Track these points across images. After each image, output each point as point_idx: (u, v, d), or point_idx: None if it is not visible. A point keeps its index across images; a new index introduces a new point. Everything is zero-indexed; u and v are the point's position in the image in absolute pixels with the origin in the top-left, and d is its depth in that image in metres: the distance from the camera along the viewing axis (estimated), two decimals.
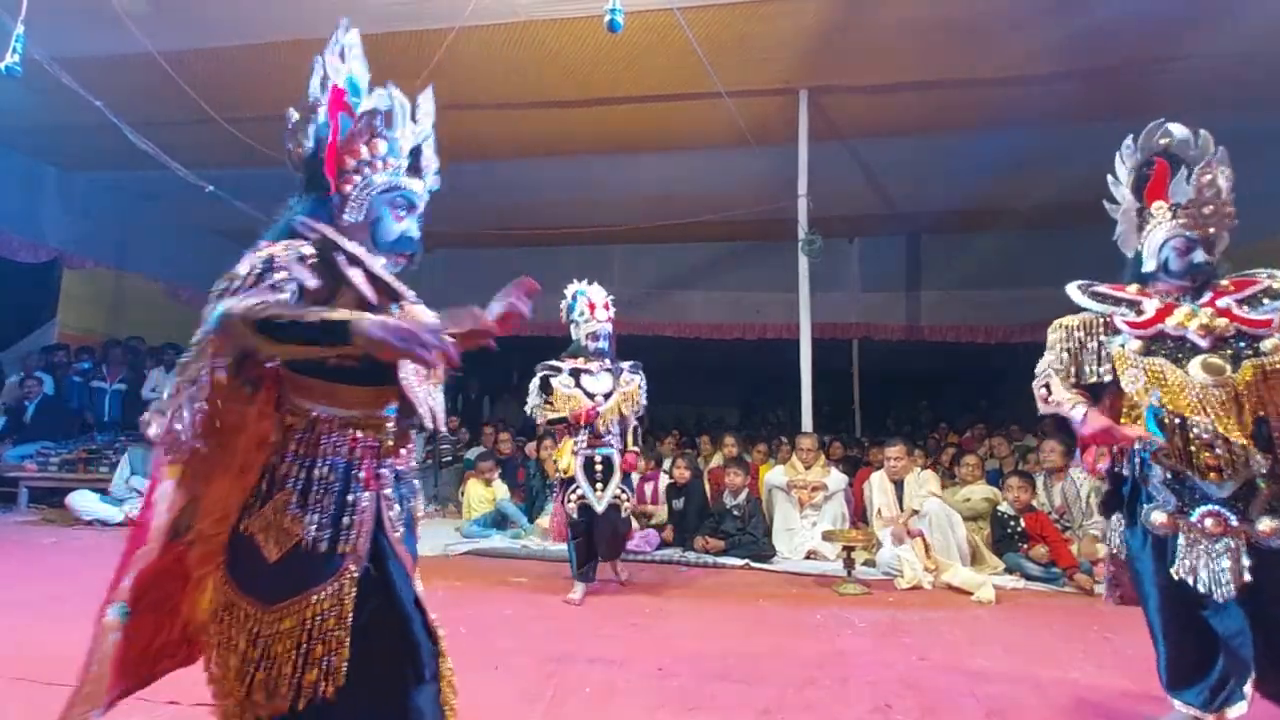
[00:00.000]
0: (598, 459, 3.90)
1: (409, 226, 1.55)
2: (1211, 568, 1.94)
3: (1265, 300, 2.06)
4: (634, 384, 4.06)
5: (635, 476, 4.47)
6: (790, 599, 4.07)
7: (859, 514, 5.57)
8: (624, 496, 3.94)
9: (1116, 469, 2.21)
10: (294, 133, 1.52)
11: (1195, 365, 2.02)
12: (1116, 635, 3.26)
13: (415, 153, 1.57)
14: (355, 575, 1.37)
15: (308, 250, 1.38)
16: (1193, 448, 1.98)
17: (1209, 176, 2.12)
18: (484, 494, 6.17)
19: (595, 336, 4.03)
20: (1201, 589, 1.95)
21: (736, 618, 3.61)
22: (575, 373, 3.99)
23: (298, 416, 1.39)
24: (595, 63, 5.44)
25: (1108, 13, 4.70)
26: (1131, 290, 2.21)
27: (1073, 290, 2.30)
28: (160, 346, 8.38)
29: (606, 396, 3.94)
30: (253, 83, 5.66)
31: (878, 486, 5.18)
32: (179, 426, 1.29)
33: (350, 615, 1.35)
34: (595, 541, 3.89)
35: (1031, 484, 4.79)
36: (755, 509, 5.25)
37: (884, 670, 2.84)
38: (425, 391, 1.49)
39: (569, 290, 4.16)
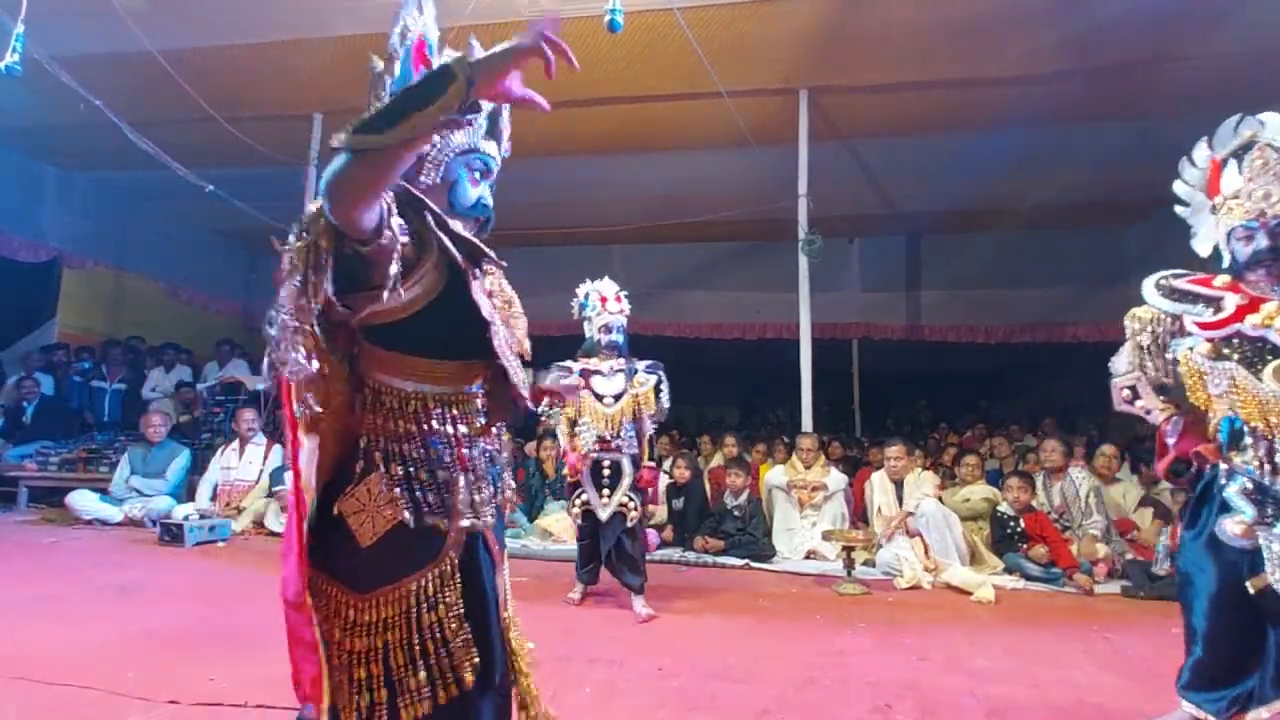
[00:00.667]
0: (606, 464, 3.68)
1: (484, 191, 1.47)
2: None
3: None
4: (648, 385, 3.78)
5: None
6: (790, 599, 4.06)
7: (859, 514, 5.57)
8: (630, 505, 3.66)
9: (1197, 471, 2.08)
10: (375, 83, 1.41)
11: (1269, 370, 1.87)
12: (1116, 635, 3.26)
13: (492, 115, 1.50)
14: (456, 561, 1.30)
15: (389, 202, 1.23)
16: (1278, 458, 1.85)
17: (1259, 160, 1.98)
18: None
19: (608, 329, 3.78)
20: None
21: (736, 617, 3.61)
22: (586, 373, 3.74)
23: (386, 394, 1.30)
24: (595, 63, 5.44)
25: (1108, 13, 4.70)
26: (1220, 283, 2.02)
27: (1148, 287, 2.12)
28: (160, 346, 8.38)
29: (616, 398, 3.72)
30: (253, 82, 5.67)
31: (878, 486, 5.19)
32: (295, 354, 1.14)
33: (460, 604, 1.28)
34: (604, 556, 3.70)
35: (1031, 484, 4.80)
36: (756, 509, 5.25)
37: (884, 670, 2.84)
38: (515, 363, 1.41)
39: (580, 290, 3.95)
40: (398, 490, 1.26)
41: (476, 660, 1.28)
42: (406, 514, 1.25)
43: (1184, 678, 2.07)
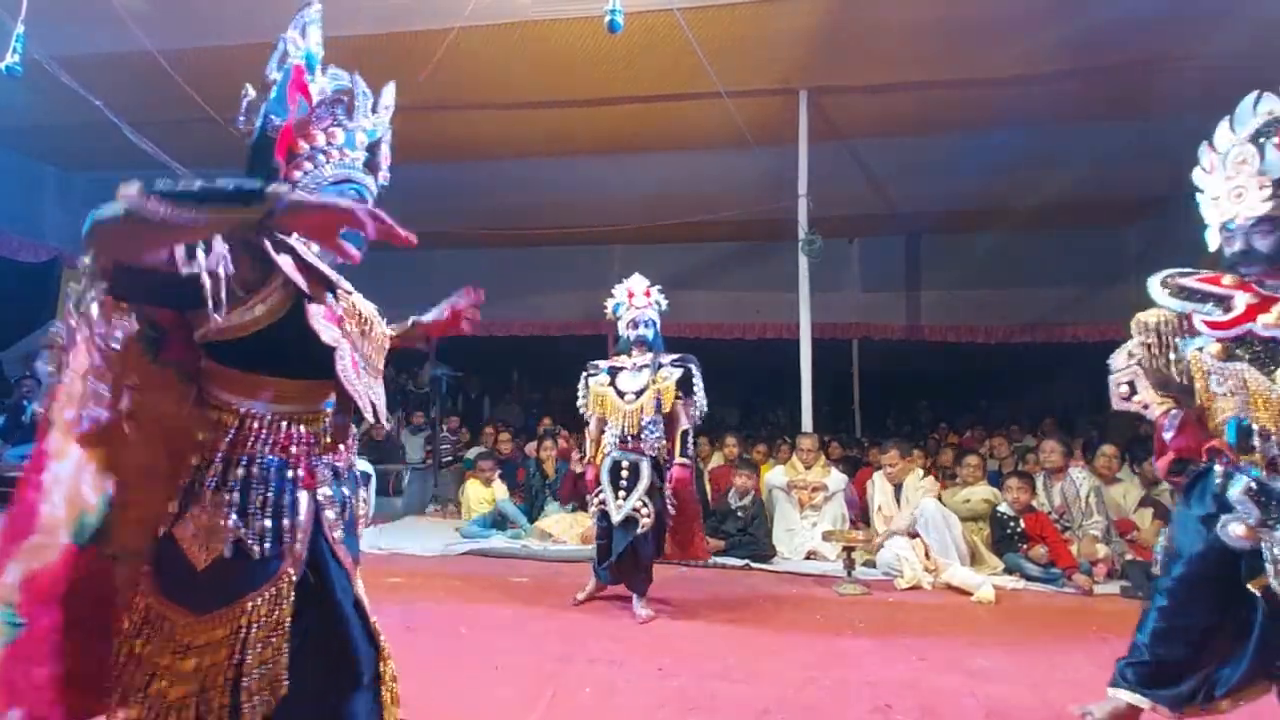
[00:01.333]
0: (625, 465, 3.56)
1: None
2: None
3: None
4: (672, 378, 3.61)
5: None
6: (790, 599, 4.07)
7: (859, 514, 5.57)
8: (644, 511, 3.50)
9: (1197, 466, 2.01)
10: (249, 110, 1.43)
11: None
12: (1116, 635, 3.25)
13: (372, 148, 1.51)
14: (293, 579, 1.30)
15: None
16: None
17: (1239, 157, 1.95)
18: (483, 494, 6.16)
19: (635, 324, 3.70)
20: None
21: (736, 618, 3.61)
22: (613, 370, 3.72)
23: (226, 412, 1.30)
24: (595, 63, 5.44)
25: (1108, 13, 4.70)
26: (1229, 281, 1.96)
27: (1154, 285, 2.05)
28: None
29: (638, 394, 3.59)
30: (253, 82, 5.66)
31: (879, 486, 5.20)
32: (94, 397, 1.16)
33: (288, 621, 1.28)
34: (616, 560, 3.59)
35: (1031, 484, 4.79)
36: (759, 510, 5.20)
37: (884, 670, 2.84)
38: (365, 384, 1.42)
39: (616, 289, 3.89)
40: (232, 512, 1.26)
41: (281, 692, 1.27)
42: (241, 536, 1.25)
43: (1132, 676, 2.05)
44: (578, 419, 4.03)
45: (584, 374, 3.87)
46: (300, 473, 1.34)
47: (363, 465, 6.25)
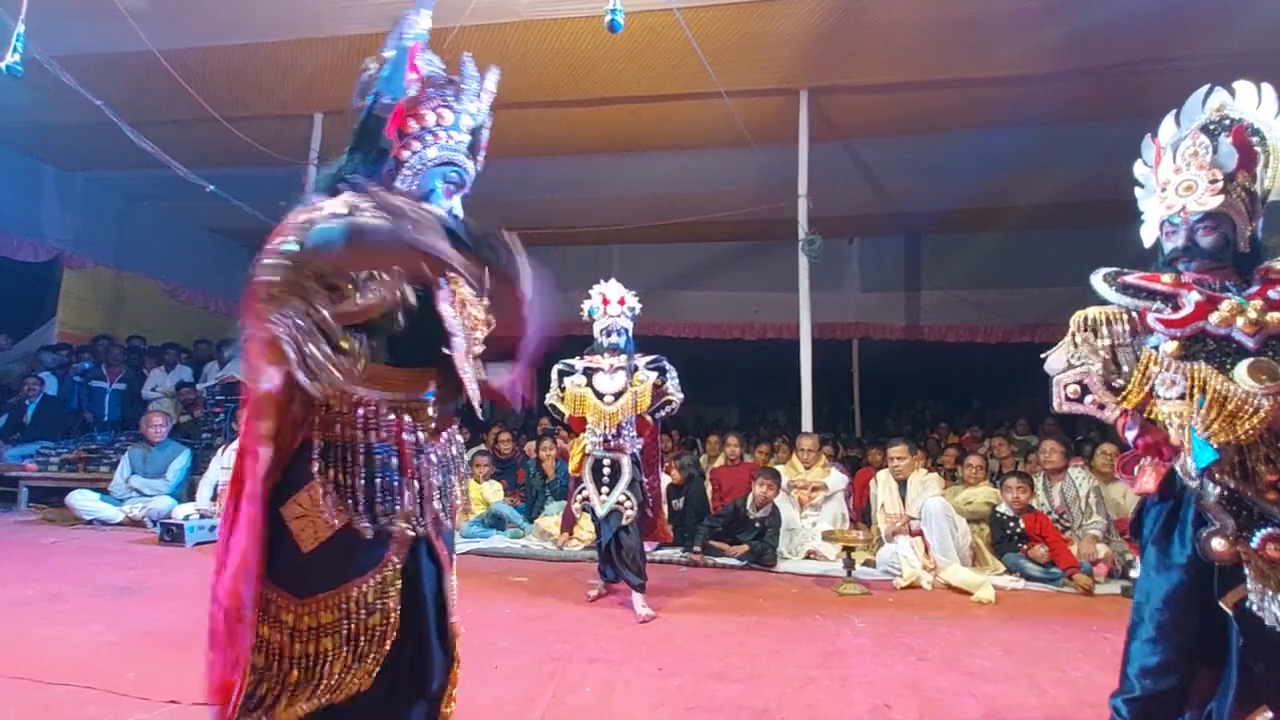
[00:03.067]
0: (606, 462, 3.76)
1: (455, 204, 1.47)
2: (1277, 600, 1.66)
3: None
4: (648, 382, 3.82)
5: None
6: (790, 599, 4.07)
7: (860, 514, 5.57)
8: (627, 504, 3.71)
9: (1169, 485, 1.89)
10: (365, 86, 1.41)
11: (1241, 369, 1.73)
12: (1116, 635, 3.23)
13: (474, 132, 1.50)
14: (399, 567, 1.30)
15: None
16: (1249, 462, 1.71)
17: (1190, 148, 1.90)
18: (475, 494, 6.14)
19: (608, 332, 3.88)
20: (1269, 622, 1.67)
21: (736, 618, 3.60)
22: (589, 371, 3.87)
23: (338, 399, 1.28)
24: (595, 63, 5.45)
25: (1108, 13, 4.71)
26: (1168, 279, 1.89)
27: (1098, 281, 1.98)
28: (160, 346, 8.38)
29: (617, 396, 3.78)
30: (253, 82, 5.67)
31: (883, 485, 5.18)
32: (303, 352, 1.13)
33: (396, 610, 1.28)
34: (605, 551, 3.79)
35: (1030, 484, 4.79)
36: (776, 519, 5.04)
37: (883, 670, 2.84)
38: (471, 372, 1.41)
39: (593, 291, 4.02)
40: (341, 497, 1.26)
41: (367, 680, 1.26)
42: (349, 521, 1.25)
43: (1128, 712, 1.88)
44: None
45: (557, 370, 3.98)
46: (406, 460, 1.33)
47: None
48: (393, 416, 1.32)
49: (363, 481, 1.28)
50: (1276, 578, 1.67)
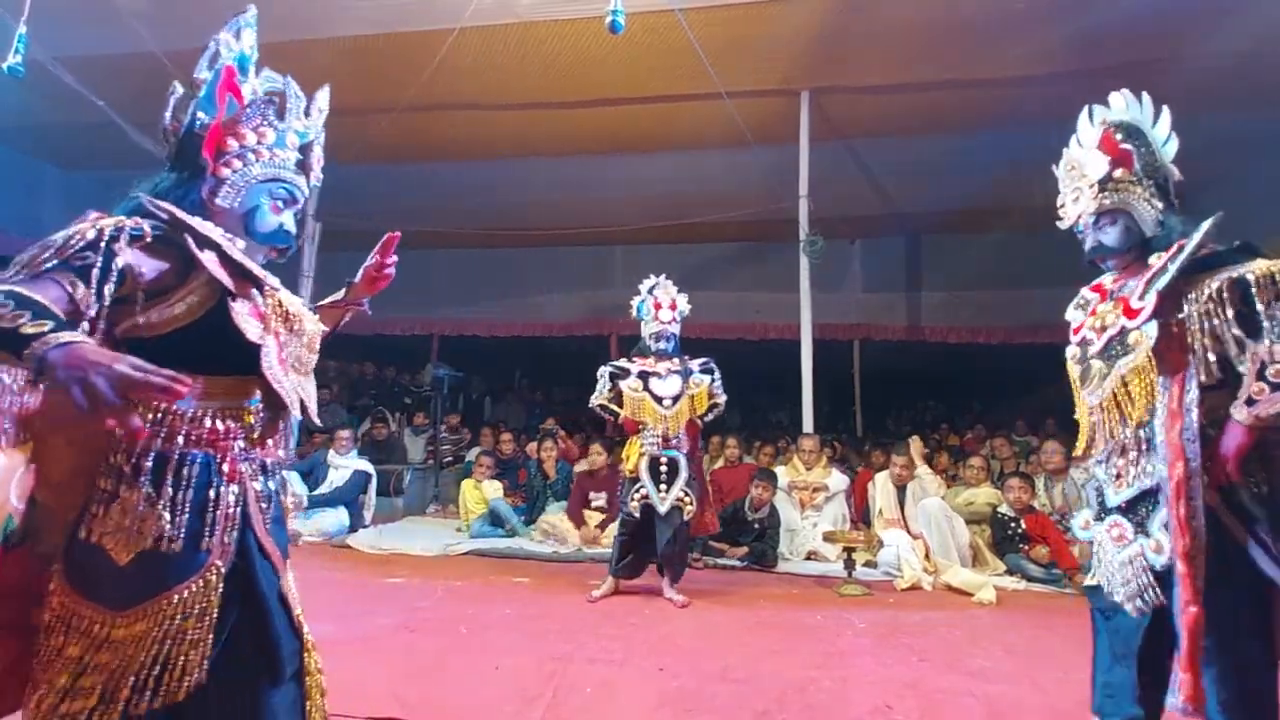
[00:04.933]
0: (663, 460, 3.86)
1: (286, 220, 1.50)
2: (1114, 578, 1.80)
3: (1156, 281, 1.79)
4: (703, 385, 3.95)
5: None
6: (790, 600, 4.07)
7: (860, 515, 5.57)
8: (687, 500, 3.85)
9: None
10: (177, 107, 1.46)
11: (1093, 368, 1.97)
12: None
13: (304, 150, 1.54)
14: (221, 571, 1.30)
15: (147, 228, 1.28)
16: (1114, 456, 1.89)
17: (1067, 165, 2.15)
18: (477, 494, 6.14)
19: (658, 337, 3.97)
20: (1115, 598, 1.80)
21: (736, 618, 3.61)
22: (644, 375, 3.94)
23: (147, 406, 1.26)
24: (596, 63, 5.45)
25: (1108, 13, 4.70)
26: (1101, 282, 2.09)
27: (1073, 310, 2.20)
28: None
29: (675, 400, 3.88)
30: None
31: (881, 488, 5.18)
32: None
33: (215, 613, 1.28)
34: (656, 549, 3.86)
35: (1031, 485, 4.79)
36: (775, 520, 5.04)
37: (884, 671, 2.84)
38: (293, 381, 1.42)
39: (642, 287, 4.09)
40: (155, 508, 1.25)
41: (195, 676, 1.26)
42: (165, 531, 1.24)
43: (1094, 699, 1.92)
44: (579, 419, 4.08)
45: (608, 371, 4.03)
46: (226, 467, 1.34)
47: (363, 465, 6.27)
48: (210, 422, 1.33)
49: (179, 490, 1.27)
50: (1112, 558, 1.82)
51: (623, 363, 4.06)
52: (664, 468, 3.86)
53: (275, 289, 1.45)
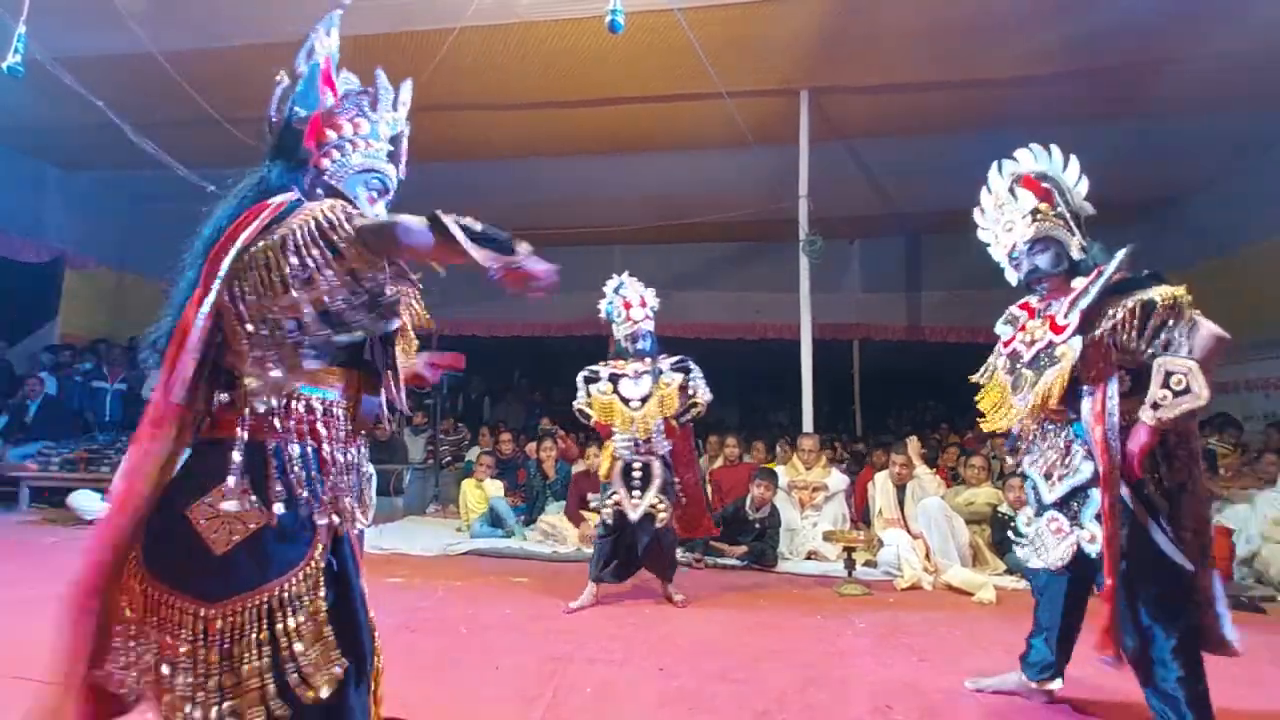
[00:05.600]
0: (636, 466, 3.75)
1: (380, 210, 1.51)
2: (1049, 558, 2.23)
3: (1080, 302, 2.11)
4: (674, 384, 3.78)
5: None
6: (790, 599, 4.07)
7: (860, 515, 5.57)
8: (660, 506, 3.73)
9: None
10: (283, 98, 1.47)
11: (1023, 376, 2.20)
12: None
13: (393, 140, 1.56)
14: (321, 564, 1.28)
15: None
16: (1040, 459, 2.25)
17: (992, 203, 2.50)
18: (478, 494, 6.15)
19: (633, 338, 3.80)
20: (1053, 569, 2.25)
21: (737, 618, 3.61)
22: (614, 377, 3.81)
23: (280, 397, 1.28)
24: (596, 63, 5.45)
25: (1109, 13, 4.70)
26: (1028, 301, 2.40)
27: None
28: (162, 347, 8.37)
29: (643, 401, 3.73)
30: (254, 83, 5.65)
31: (880, 487, 5.18)
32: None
33: (324, 606, 1.26)
34: (639, 555, 3.78)
35: None
36: (775, 520, 5.04)
37: (884, 671, 2.84)
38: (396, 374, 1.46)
39: (607, 288, 3.94)
40: (259, 496, 1.23)
41: (336, 671, 1.25)
42: (267, 521, 1.22)
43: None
44: (577, 420, 4.06)
45: (582, 377, 3.92)
46: (326, 457, 1.33)
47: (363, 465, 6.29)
48: (318, 414, 1.33)
49: (283, 479, 1.26)
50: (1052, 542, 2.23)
51: (597, 368, 3.91)
52: (637, 473, 3.74)
53: (416, 286, 1.48)
